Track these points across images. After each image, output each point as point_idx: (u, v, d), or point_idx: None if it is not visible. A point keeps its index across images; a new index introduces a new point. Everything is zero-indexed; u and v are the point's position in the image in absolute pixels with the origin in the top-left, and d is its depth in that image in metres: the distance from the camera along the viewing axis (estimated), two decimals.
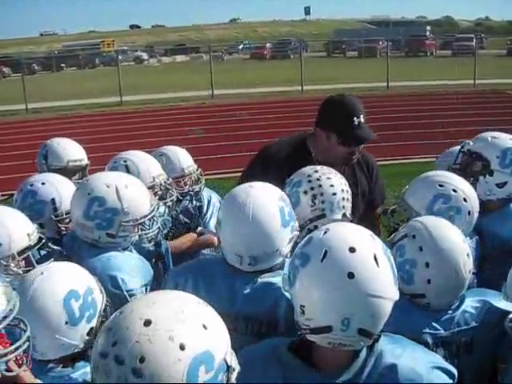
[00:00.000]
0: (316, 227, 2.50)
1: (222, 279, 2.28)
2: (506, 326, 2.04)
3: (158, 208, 2.92)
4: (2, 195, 3.66)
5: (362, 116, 3.16)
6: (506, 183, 2.99)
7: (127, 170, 3.33)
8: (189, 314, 1.31)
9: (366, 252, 1.69)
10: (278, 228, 2.23)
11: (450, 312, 2.21)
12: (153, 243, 3.02)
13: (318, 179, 2.64)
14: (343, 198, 2.65)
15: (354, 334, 1.66)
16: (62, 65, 44.80)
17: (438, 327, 2.18)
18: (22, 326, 1.62)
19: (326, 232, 1.75)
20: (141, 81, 26.62)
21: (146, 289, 2.64)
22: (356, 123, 3.13)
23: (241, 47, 56.77)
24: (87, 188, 2.70)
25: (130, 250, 2.83)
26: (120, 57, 27.80)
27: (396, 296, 1.72)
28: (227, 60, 46.17)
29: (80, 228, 2.71)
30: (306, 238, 1.80)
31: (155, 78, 30.21)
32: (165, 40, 79.13)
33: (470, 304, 2.24)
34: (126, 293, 2.49)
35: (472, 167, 3.06)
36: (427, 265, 2.18)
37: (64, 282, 1.91)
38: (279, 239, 2.24)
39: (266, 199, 2.25)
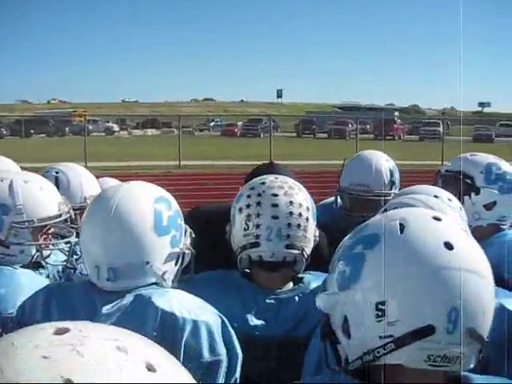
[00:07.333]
0: (249, 257, 1.99)
1: (80, 302, 1.74)
2: None
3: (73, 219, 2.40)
4: None
5: None
6: (494, 204, 2.60)
7: (56, 182, 2.86)
8: None
9: (452, 221, 1.29)
10: (147, 233, 1.71)
11: None
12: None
13: (259, 194, 1.97)
14: (289, 224, 1.96)
15: (463, 339, 1.09)
16: (31, 131, 44.40)
17: None
18: None
19: (386, 210, 1.34)
20: (109, 149, 26.46)
21: None
22: None
23: (212, 124, 57.36)
24: None
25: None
26: (90, 127, 27.61)
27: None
28: (198, 136, 46.46)
29: None
30: (359, 227, 1.27)
31: (124, 148, 30.08)
32: (137, 114, 79.57)
33: None
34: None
35: (455, 189, 2.62)
36: None
37: None
38: (149, 249, 1.71)
39: (137, 195, 1.76)
